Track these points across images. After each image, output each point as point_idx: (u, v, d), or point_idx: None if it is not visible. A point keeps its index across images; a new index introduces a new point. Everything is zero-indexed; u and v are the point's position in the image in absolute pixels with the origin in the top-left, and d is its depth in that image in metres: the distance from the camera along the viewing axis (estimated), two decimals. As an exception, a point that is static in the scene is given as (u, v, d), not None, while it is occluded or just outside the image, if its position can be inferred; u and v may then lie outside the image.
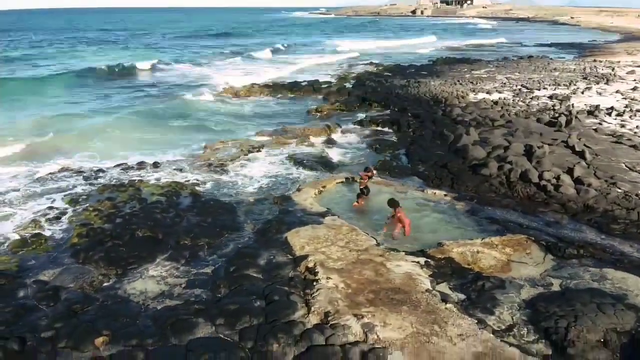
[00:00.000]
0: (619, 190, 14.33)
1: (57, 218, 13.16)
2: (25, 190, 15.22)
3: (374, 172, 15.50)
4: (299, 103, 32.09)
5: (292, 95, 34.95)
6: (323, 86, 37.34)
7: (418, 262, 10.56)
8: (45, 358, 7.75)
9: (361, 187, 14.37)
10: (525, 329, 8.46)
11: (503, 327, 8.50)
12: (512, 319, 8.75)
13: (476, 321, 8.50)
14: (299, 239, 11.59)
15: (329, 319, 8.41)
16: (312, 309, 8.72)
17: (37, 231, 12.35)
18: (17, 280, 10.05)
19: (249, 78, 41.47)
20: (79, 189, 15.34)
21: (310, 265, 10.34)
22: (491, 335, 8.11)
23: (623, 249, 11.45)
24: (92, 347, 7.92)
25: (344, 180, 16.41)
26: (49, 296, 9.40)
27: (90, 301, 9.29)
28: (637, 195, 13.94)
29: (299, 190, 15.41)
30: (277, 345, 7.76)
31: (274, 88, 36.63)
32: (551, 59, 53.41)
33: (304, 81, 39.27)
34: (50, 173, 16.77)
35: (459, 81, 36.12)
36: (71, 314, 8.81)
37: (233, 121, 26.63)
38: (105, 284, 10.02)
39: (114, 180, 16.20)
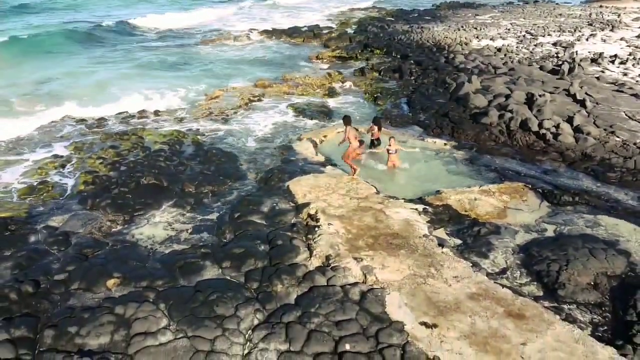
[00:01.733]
0: (618, 139, 14.44)
1: (62, 166, 13.36)
2: (29, 138, 15.35)
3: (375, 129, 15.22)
4: (300, 49, 31.63)
5: (293, 41, 34.39)
6: (324, 32, 36.69)
7: (416, 209, 10.85)
8: (59, 299, 8.13)
9: (373, 138, 14.44)
10: (518, 272, 8.84)
11: (497, 270, 8.88)
12: (506, 262, 9.12)
13: (471, 264, 8.87)
14: (300, 187, 11.82)
15: (330, 262, 8.77)
16: (314, 252, 9.07)
17: (43, 178, 12.58)
18: (27, 226, 10.33)
19: (257, 25, 40.60)
20: (82, 137, 15.45)
21: (312, 212, 10.63)
22: (485, 277, 8.48)
23: (618, 196, 11.70)
24: (104, 289, 8.29)
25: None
26: (59, 241, 9.72)
27: (100, 245, 9.62)
28: (635, 144, 14.06)
29: (300, 139, 15.52)
30: (281, 285, 8.14)
31: (274, 34, 36.01)
32: (557, 3, 52.13)
33: (304, 26, 38.54)
34: (52, 121, 16.86)
35: (462, 27, 35.44)
36: (82, 258, 9.14)
37: (232, 69, 26.35)
38: (113, 230, 10.34)
39: (116, 129, 16.29)
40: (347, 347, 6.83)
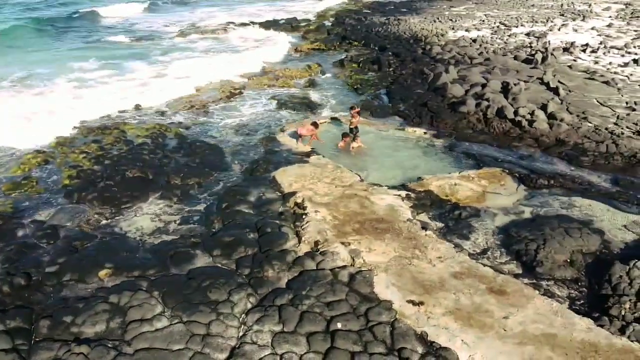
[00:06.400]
0: (590, 124, 14.99)
1: (45, 161, 13.31)
2: (10, 132, 15.12)
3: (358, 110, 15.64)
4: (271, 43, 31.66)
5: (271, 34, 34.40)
6: (302, 24, 36.81)
7: (399, 195, 11.17)
8: (51, 291, 8.21)
9: (351, 126, 14.70)
10: (498, 252, 9.24)
11: (478, 251, 9.26)
12: (487, 243, 9.51)
13: (453, 246, 9.23)
14: (286, 177, 12.03)
15: (319, 247, 9.04)
16: (303, 238, 9.32)
17: (26, 174, 12.53)
18: (14, 220, 10.34)
19: (235, 18, 40.38)
20: (63, 133, 15.32)
21: (299, 200, 10.86)
22: (467, 257, 8.86)
23: (591, 179, 12.21)
24: (97, 279, 8.40)
25: (329, 120, 16.74)
26: (48, 234, 9.76)
27: (89, 238, 9.70)
28: (606, 129, 14.62)
29: (283, 130, 15.71)
30: (272, 271, 8.37)
31: (251, 27, 35.96)
32: (530, -6, 52.99)
33: (282, 19, 38.60)
34: (32, 112, 16.65)
35: (438, 19, 35.93)
36: (72, 250, 9.22)
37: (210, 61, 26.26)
38: (102, 222, 10.40)
39: (97, 123, 16.21)
40: (339, 325, 7.10)
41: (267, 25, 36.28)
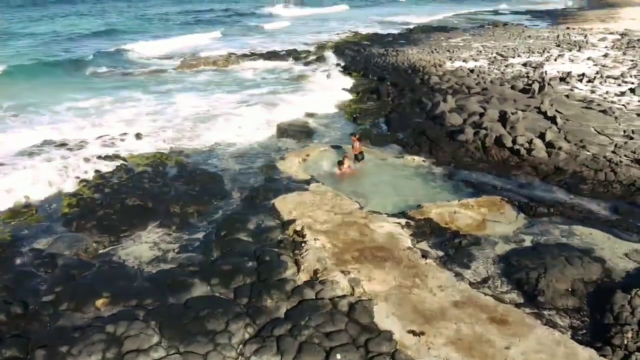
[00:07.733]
0: (588, 153, 15.07)
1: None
2: (11, 162, 15.18)
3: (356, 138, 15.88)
4: (278, 72, 32.09)
5: (271, 65, 34.81)
6: (302, 55, 37.35)
7: (399, 223, 11.16)
8: (48, 320, 8.13)
9: (355, 152, 14.89)
10: (499, 281, 9.17)
11: (479, 279, 9.20)
12: (487, 272, 9.46)
13: (454, 274, 9.18)
14: (286, 204, 12.04)
15: (318, 275, 8.98)
16: (302, 267, 9.27)
17: (27, 202, 12.54)
18: (13, 249, 10.33)
19: (236, 50, 40.74)
20: (63, 161, 15.38)
21: (298, 228, 10.84)
22: (468, 286, 8.79)
23: (590, 207, 12.20)
24: (94, 309, 8.33)
25: (328, 147, 16.84)
26: (46, 263, 9.73)
27: (87, 266, 9.66)
28: (604, 157, 14.69)
29: (283, 159, 15.79)
30: (270, 300, 8.29)
31: (252, 58, 36.50)
32: (526, 26, 54.07)
33: (282, 50, 39.20)
34: (33, 145, 16.74)
35: (436, 49, 36.46)
36: (70, 279, 9.17)
37: (212, 92, 26.57)
38: (100, 251, 10.38)
39: (98, 152, 16.28)
40: (338, 357, 7.01)
41: (268, 56, 36.83)
